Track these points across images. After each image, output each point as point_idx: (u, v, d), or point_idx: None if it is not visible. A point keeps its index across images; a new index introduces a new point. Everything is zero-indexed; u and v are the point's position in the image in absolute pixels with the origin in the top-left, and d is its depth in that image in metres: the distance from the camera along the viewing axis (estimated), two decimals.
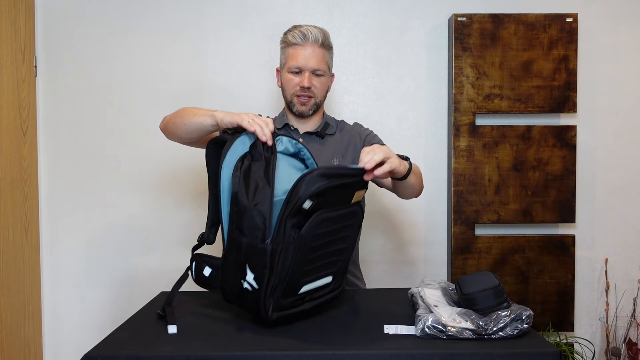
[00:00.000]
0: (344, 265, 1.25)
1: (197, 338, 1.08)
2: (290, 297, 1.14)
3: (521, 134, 2.19)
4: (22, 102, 2.12)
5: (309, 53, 1.55)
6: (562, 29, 2.17)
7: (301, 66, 1.56)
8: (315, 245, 1.11)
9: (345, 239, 1.20)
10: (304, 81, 1.56)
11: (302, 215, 1.08)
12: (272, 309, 1.12)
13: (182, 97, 2.22)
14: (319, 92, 1.60)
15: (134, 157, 2.25)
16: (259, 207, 1.10)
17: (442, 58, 2.26)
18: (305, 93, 1.58)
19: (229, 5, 2.24)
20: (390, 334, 1.09)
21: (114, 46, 2.23)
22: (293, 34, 1.56)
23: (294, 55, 1.56)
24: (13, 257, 2.06)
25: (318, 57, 1.56)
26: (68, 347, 2.26)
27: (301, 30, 1.55)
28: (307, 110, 1.60)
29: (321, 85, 1.60)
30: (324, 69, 1.59)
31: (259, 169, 1.16)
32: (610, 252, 2.29)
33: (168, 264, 2.25)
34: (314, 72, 1.57)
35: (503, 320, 1.05)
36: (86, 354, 1.00)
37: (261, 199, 1.11)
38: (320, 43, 1.56)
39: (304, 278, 1.14)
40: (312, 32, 1.55)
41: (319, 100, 1.61)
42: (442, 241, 2.29)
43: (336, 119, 1.75)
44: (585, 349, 2.25)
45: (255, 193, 1.12)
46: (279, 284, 1.10)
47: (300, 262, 1.10)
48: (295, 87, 1.58)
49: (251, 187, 1.13)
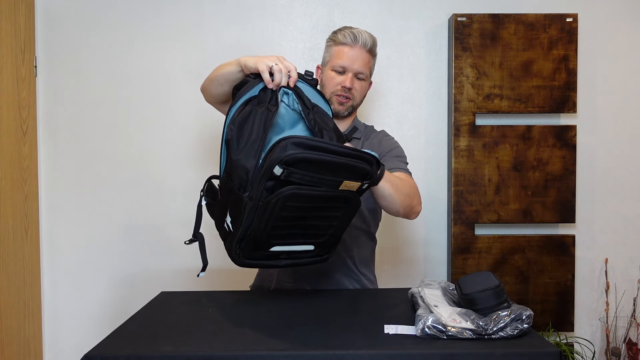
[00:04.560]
0: (332, 240, 1.23)
1: (197, 338, 1.08)
2: (260, 251, 1.15)
3: (521, 134, 2.19)
4: (22, 102, 2.12)
5: (356, 54, 1.54)
6: (562, 29, 2.17)
7: (346, 66, 1.54)
8: (285, 216, 1.09)
9: (330, 218, 1.16)
10: (347, 81, 1.53)
11: (279, 182, 1.06)
12: (241, 255, 1.15)
13: (182, 97, 2.22)
14: (358, 95, 1.58)
15: (133, 156, 2.25)
16: (242, 162, 1.12)
17: (442, 58, 2.26)
18: (345, 93, 1.55)
19: (229, 5, 2.24)
20: (390, 334, 1.09)
21: (113, 46, 2.23)
22: (344, 33, 1.55)
23: (341, 54, 1.55)
24: (13, 257, 2.06)
25: (364, 60, 1.55)
26: (68, 347, 2.26)
27: (352, 32, 1.54)
28: (344, 110, 1.57)
29: (361, 88, 1.58)
30: (367, 74, 1.58)
31: (261, 116, 1.16)
32: (610, 252, 2.29)
33: (168, 264, 2.25)
34: (357, 75, 1.55)
35: (503, 320, 1.05)
36: (86, 354, 1.00)
37: (246, 152, 1.12)
38: (368, 48, 1.55)
39: (273, 240, 1.14)
40: (363, 35, 1.54)
41: (356, 103, 1.59)
42: (442, 241, 2.29)
43: (367, 124, 1.72)
44: (585, 349, 2.25)
45: (247, 144, 1.13)
46: (244, 237, 1.12)
47: (266, 224, 1.09)
48: (337, 86, 1.55)
49: (245, 135, 1.14)
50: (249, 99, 1.23)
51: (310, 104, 1.26)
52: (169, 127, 2.25)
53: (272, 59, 1.23)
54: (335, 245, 1.27)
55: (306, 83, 1.30)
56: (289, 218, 1.10)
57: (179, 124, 2.24)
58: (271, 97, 1.21)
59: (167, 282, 2.21)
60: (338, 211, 1.16)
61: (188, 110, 2.23)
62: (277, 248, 1.16)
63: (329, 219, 1.17)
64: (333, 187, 1.10)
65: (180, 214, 2.25)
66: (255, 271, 1.71)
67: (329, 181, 1.09)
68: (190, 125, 2.24)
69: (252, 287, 1.66)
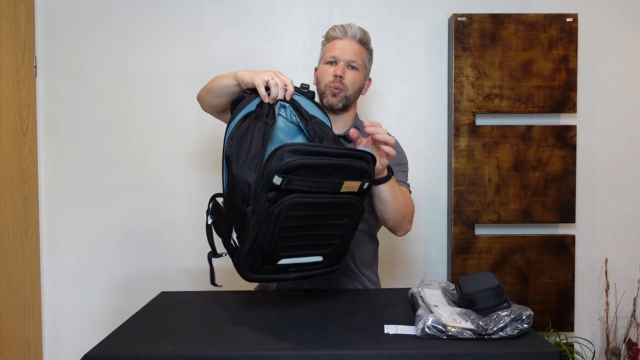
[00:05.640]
0: (339, 250, 1.23)
1: (197, 338, 1.08)
2: (268, 265, 1.15)
3: (521, 134, 2.19)
4: (22, 102, 2.12)
5: (346, 44, 1.55)
6: (562, 29, 2.17)
7: (337, 56, 1.54)
8: (290, 226, 1.09)
9: (336, 227, 1.17)
10: (338, 70, 1.53)
11: (280, 192, 1.06)
12: (249, 271, 1.14)
13: (182, 97, 2.22)
14: (351, 85, 1.55)
15: (133, 157, 2.25)
16: (243, 176, 1.11)
17: (442, 58, 2.26)
18: (337, 83, 1.53)
19: (229, 5, 2.24)
20: (390, 334, 1.09)
21: (114, 46, 2.24)
22: (334, 28, 1.58)
23: (332, 46, 1.56)
24: (13, 257, 2.06)
25: (355, 50, 1.55)
26: (68, 347, 2.26)
27: (342, 25, 1.57)
28: (337, 102, 1.54)
29: (354, 79, 1.55)
30: (360, 64, 1.56)
31: (259, 130, 1.16)
32: (610, 252, 2.29)
33: (168, 264, 2.25)
34: (349, 65, 1.54)
35: (503, 320, 1.05)
36: (86, 354, 1.00)
37: (247, 167, 1.12)
38: (359, 39, 1.56)
39: (281, 252, 1.13)
40: (353, 28, 1.56)
41: (349, 94, 1.55)
42: (442, 241, 2.29)
43: None
44: (585, 349, 2.25)
45: (247, 158, 1.13)
46: (251, 252, 1.11)
47: (273, 236, 1.09)
48: (329, 77, 1.54)
49: (244, 149, 1.14)
50: (246, 114, 1.24)
51: (308, 115, 1.26)
52: (168, 127, 2.24)
53: (268, 74, 1.24)
54: (343, 255, 1.27)
55: (303, 96, 1.30)
56: (294, 228, 1.10)
57: (179, 124, 2.24)
58: (268, 111, 1.22)
59: (167, 282, 2.21)
60: (343, 219, 1.16)
61: (188, 110, 2.23)
62: (285, 261, 1.15)
63: (335, 227, 1.17)
64: (334, 191, 1.11)
65: (180, 214, 2.25)
66: None
67: (329, 184, 1.09)
68: (190, 125, 2.24)
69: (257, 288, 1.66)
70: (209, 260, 1.34)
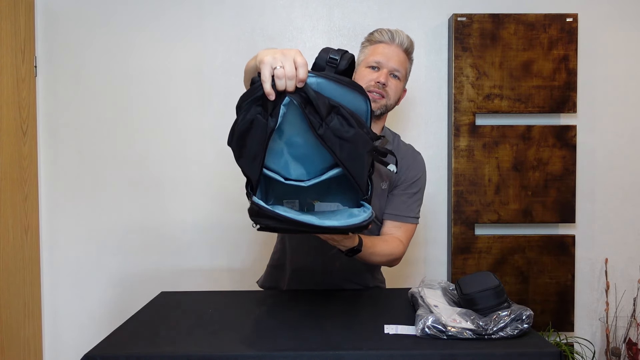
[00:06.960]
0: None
1: (197, 338, 1.08)
2: None
3: (521, 134, 2.19)
4: (22, 102, 2.12)
5: (392, 51, 1.46)
6: (562, 29, 2.17)
7: (381, 62, 1.46)
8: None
9: None
10: (381, 77, 1.44)
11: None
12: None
13: (182, 97, 2.22)
14: (393, 94, 1.48)
15: (134, 157, 2.25)
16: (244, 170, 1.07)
17: (442, 58, 2.26)
18: (379, 90, 1.44)
19: (229, 6, 2.24)
20: (390, 334, 1.09)
21: (114, 46, 2.23)
22: (381, 32, 1.49)
23: (376, 51, 1.48)
24: (13, 257, 2.06)
25: (400, 59, 1.48)
26: (68, 347, 2.26)
27: (390, 30, 1.48)
28: (377, 108, 1.46)
29: (396, 88, 1.48)
30: (402, 74, 1.49)
31: (262, 132, 1.00)
32: (610, 252, 2.29)
33: (168, 264, 2.25)
34: (392, 73, 1.47)
35: (503, 320, 1.05)
36: (86, 354, 1.00)
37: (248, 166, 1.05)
38: (405, 48, 1.48)
39: None
40: (401, 35, 1.48)
41: (389, 103, 1.48)
42: (442, 241, 2.29)
43: (394, 132, 1.63)
44: (585, 349, 2.25)
45: (248, 157, 1.04)
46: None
47: None
48: (370, 82, 1.44)
49: (246, 146, 1.04)
50: (254, 98, 1.05)
51: (326, 109, 1.00)
52: (169, 127, 2.24)
53: (277, 59, 0.97)
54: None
55: (324, 78, 1.01)
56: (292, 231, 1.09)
57: (179, 124, 2.24)
58: (274, 106, 0.99)
59: (167, 282, 2.21)
60: None
61: (188, 109, 2.23)
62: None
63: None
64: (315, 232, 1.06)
65: (180, 214, 2.25)
66: (256, 272, 1.70)
67: (307, 230, 1.04)
68: (190, 125, 2.24)
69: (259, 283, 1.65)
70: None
